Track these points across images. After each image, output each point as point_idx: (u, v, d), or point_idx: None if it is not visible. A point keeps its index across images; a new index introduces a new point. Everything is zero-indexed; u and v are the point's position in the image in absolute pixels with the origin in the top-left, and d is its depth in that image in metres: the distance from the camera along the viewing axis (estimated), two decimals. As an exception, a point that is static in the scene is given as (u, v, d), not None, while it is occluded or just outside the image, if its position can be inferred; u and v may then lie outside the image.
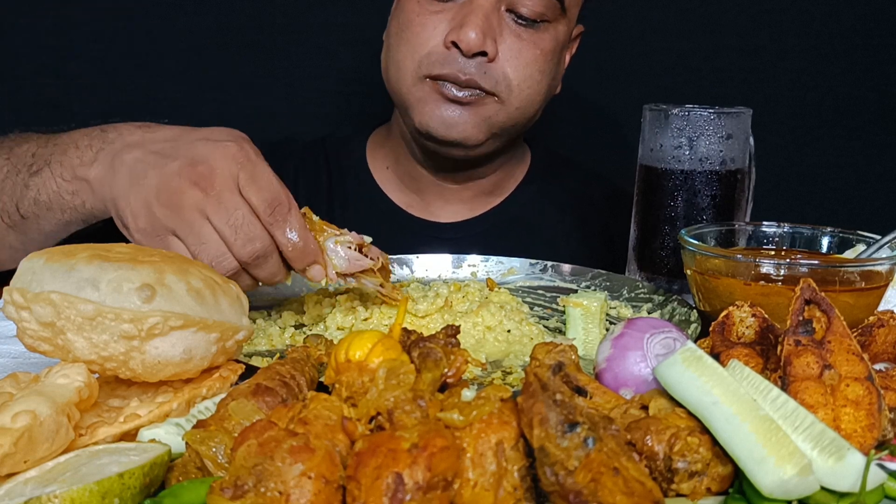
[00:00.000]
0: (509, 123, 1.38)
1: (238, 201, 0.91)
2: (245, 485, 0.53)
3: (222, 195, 0.91)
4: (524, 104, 1.37)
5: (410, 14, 1.34)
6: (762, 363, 0.72)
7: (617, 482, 0.52)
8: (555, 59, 1.39)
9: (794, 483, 0.56)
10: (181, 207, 0.91)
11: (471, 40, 1.27)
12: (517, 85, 1.34)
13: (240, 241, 0.90)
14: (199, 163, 0.92)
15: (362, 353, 0.67)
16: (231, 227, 0.90)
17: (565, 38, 1.40)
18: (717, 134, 1.14)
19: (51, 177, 1.03)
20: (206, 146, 0.94)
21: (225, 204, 0.90)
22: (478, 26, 1.27)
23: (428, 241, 1.45)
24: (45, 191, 1.04)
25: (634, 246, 1.23)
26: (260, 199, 0.91)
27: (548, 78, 1.39)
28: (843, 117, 2.20)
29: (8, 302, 0.70)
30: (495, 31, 1.31)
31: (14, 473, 0.59)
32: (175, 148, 0.95)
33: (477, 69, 1.30)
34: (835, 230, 1.04)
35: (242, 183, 0.92)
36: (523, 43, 1.33)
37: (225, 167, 0.92)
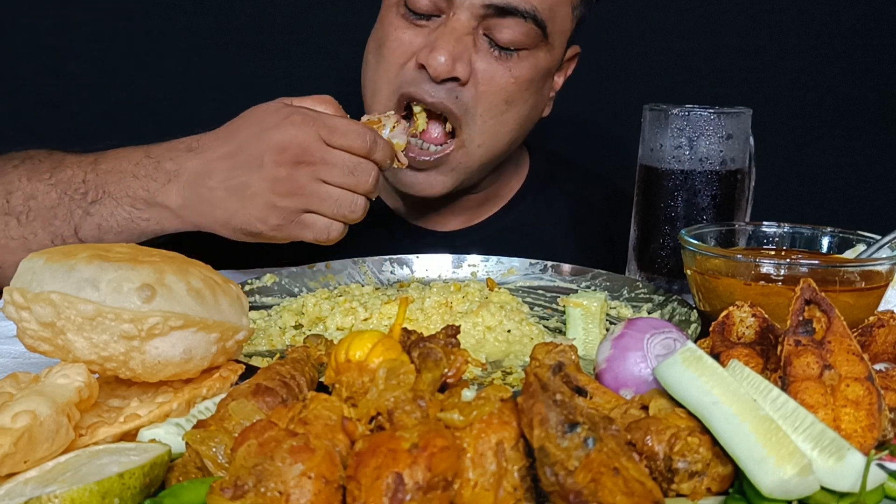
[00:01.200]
0: (474, 165, 1.34)
1: (336, 153, 1.03)
2: (245, 485, 0.53)
3: (325, 156, 1.02)
4: (486, 140, 1.32)
5: (388, 28, 1.31)
6: (762, 363, 0.72)
7: (617, 482, 0.52)
8: (531, 89, 1.33)
9: (794, 483, 0.56)
10: (301, 187, 1.02)
11: (439, 65, 1.23)
12: (480, 115, 1.29)
13: (361, 178, 1.04)
14: (285, 147, 1.02)
15: (362, 353, 0.67)
16: (347, 174, 1.03)
17: (548, 65, 1.34)
18: (717, 134, 1.14)
19: (117, 206, 1.11)
20: (276, 132, 1.03)
21: (331, 161, 1.02)
22: (448, 50, 1.22)
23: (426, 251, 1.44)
24: (115, 218, 1.11)
25: (634, 246, 1.23)
26: (351, 140, 1.03)
27: (519, 108, 1.33)
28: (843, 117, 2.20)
29: (8, 302, 0.70)
30: (469, 54, 1.25)
31: (14, 473, 0.59)
32: (248, 152, 1.04)
33: (447, 93, 1.26)
34: (835, 230, 1.04)
35: (328, 137, 1.03)
36: (498, 68, 1.28)
37: (306, 136, 1.02)
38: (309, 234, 1.06)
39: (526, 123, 1.38)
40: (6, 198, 1.15)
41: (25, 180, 1.15)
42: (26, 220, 1.13)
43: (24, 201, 1.14)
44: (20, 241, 1.13)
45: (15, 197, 1.15)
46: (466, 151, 1.32)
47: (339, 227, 1.06)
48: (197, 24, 2.00)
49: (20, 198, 1.14)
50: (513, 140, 1.38)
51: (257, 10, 2.01)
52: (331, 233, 1.06)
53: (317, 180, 1.02)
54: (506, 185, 1.55)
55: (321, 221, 1.05)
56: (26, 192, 1.14)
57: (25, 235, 1.13)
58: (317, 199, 1.03)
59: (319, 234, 1.06)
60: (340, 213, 1.04)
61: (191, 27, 2.00)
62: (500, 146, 1.35)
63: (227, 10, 2.00)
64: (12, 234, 1.14)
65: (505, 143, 1.36)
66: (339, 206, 1.04)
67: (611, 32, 2.04)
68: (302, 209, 1.04)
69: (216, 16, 2.00)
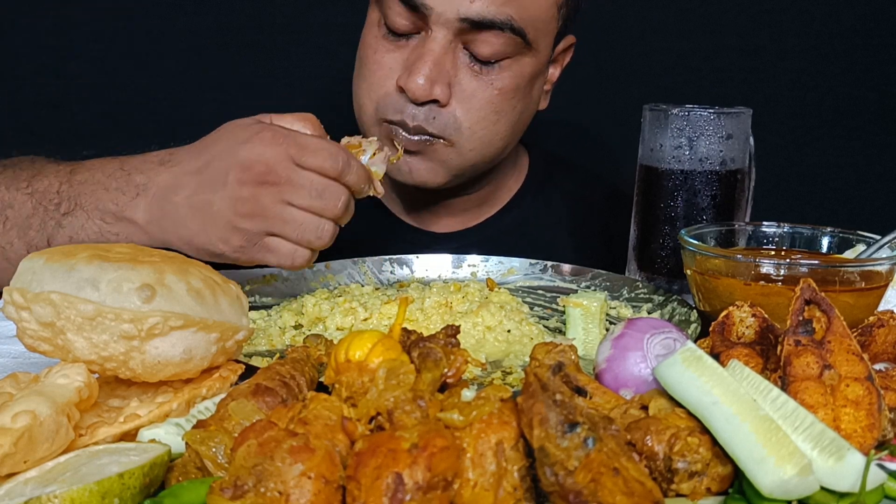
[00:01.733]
0: (467, 164, 1.33)
1: (305, 173, 0.97)
2: (245, 485, 0.53)
3: (291, 178, 0.96)
4: (479, 146, 1.31)
5: (368, 50, 1.30)
6: (762, 363, 0.72)
7: (617, 482, 0.52)
8: (518, 96, 1.31)
9: (794, 483, 0.56)
10: (264, 209, 0.96)
11: (418, 87, 1.21)
12: (468, 128, 1.28)
13: (329, 202, 0.98)
14: (250, 165, 0.96)
15: (362, 353, 0.67)
16: (315, 196, 0.97)
17: (535, 69, 1.33)
18: (717, 134, 1.14)
19: (88, 218, 1.07)
20: (244, 149, 0.98)
21: (297, 182, 0.96)
22: (425, 74, 1.21)
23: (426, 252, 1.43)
24: (85, 231, 1.08)
25: (634, 246, 1.23)
26: (321, 161, 0.97)
27: (508, 116, 1.32)
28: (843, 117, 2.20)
29: (8, 302, 0.70)
30: (448, 75, 1.24)
31: (14, 473, 0.59)
32: (215, 168, 0.99)
33: (426, 115, 1.25)
34: (835, 230, 1.04)
35: (297, 156, 0.97)
36: (479, 83, 1.26)
37: (274, 155, 0.96)
38: (272, 259, 1.00)
39: (518, 125, 1.37)
40: None
41: (4, 189, 1.13)
42: (3, 230, 1.12)
43: (1, 209, 1.12)
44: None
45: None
46: (458, 152, 1.31)
47: (305, 254, 1.00)
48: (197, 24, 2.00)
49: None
50: (507, 143, 1.37)
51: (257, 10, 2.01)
52: (295, 259, 1.00)
53: (282, 202, 0.96)
54: (503, 186, 1.54)
55: (285, 246, 0.99)
56: (4, 200, 1.12)
57: (2, 244, 1.11)
58: (280, 221, 0.97)
59: (283, 260, 1.00)
60: (305, 238, 0.98)
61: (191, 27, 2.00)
62: (493, 150, 1.35)
63: (227, 10, 2.00)
64: None
65: (499, 147, 1.35)
66: (304, 231, 0.98)
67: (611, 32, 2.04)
68: (265, 231, 0.98)
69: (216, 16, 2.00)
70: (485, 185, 1.49)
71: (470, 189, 1.47)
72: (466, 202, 1.49)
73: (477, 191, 1.49)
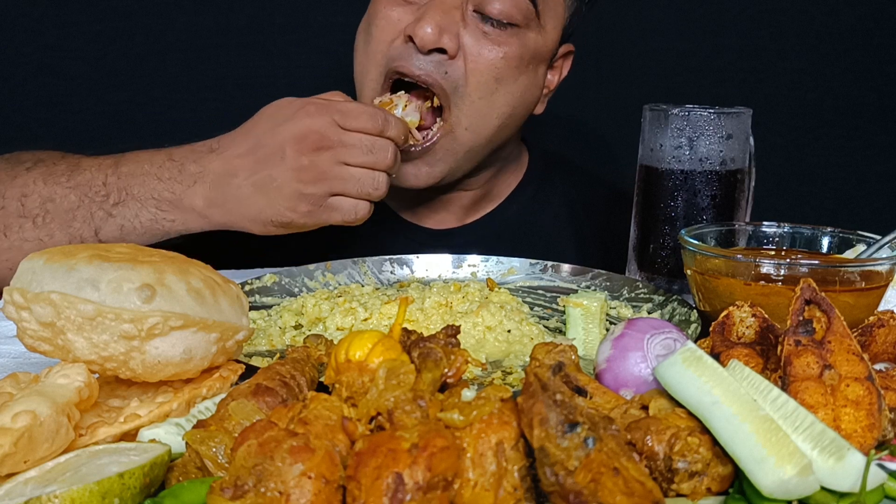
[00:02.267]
0: (461, 151, 1.32)
1: (353, 135, 1.09)
2: (245, 485, 0.53)
3: (343, 140, 1.08)
4: (474, 122, 1.30)
5: (377, 6, 1.31)
6: (762, 363, 0.72)
7: (617, 482, 0.52)
8: (520, 68, 1.30)
9: (794, 483, 0.56)
10: (325, 172, 1.08)
11: (426, 35, 1.22)
12: (469, 94, 1.27)
13: (379, 155, 1.10)
14: (304, 136, 1.08)
15: (362, 353, 0.67)
16: (366, 152, 1.09)
17: (538, 48, 1.32)
18: (717, 134, 1.14)
19: (142, 207, 1.15)
20: (292, 124, 1.09)
21: (349, 143, 1.09)
22: (434, 21, 1.22)
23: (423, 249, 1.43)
24: (139, 219, 1.15)
25: (634, 246, 1.23)
26: (364, 122, 1.10)
27: (508, 88, 1.30)
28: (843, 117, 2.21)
29: (8, 302, 0.70)
30: (457, 26, 1.25)
31: (14, 473, 0.59)
32: (268, 146, 1.10)
33: (436, 67, 1.25)
34: (835, 230, 1.04)
35: (342, 120, 1.09)
36: (487, 43, 1.26)
37: (322, 123, 1.08)
38: (338, 216, 1.11)
39: (515, 110, 1.35)
40: (20, 200, 1.16)
41: (42, 183, 1.17)
42: (42, 223, 1.15)
43: (40, 204, 1.16)
44: (35, 244, 1.15)
45: (31, 200, 1.16)
46: (454, 136, 1.30)
47: (366, 206, 1.12)
48: (197, 24, 2.00)
49: (37, 200, 1.16)
50: (501, 125, 1.34)
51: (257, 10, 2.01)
52: (358, 212, 1.11)
53: (339, 163, 1.08)
54: (502, 182, 1.54)
55: (347, 203, 1.10)
56: (43, 194, 1.16)
57: (41, 237, 1.15)
58: (340, 181, 1.08)
59: (347, 215, 1.11)
60: (365, 191, 1.10)
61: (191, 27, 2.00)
62: (488, 130, 1.33)
63: (227, 10, 2.00)
64: (27, 236, 1.15)
65: (493, 127, 1.33)
66: (363, 185, 1.09)
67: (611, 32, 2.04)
68: (328, 193, 1.09)
69: (216, 16, 2.00)
70: (485, 181, 1.49)
71: (471, 185, 1.47)
72: (464, 198, 1.49)
73: (475, 188, 1.48)
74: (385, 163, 1.10)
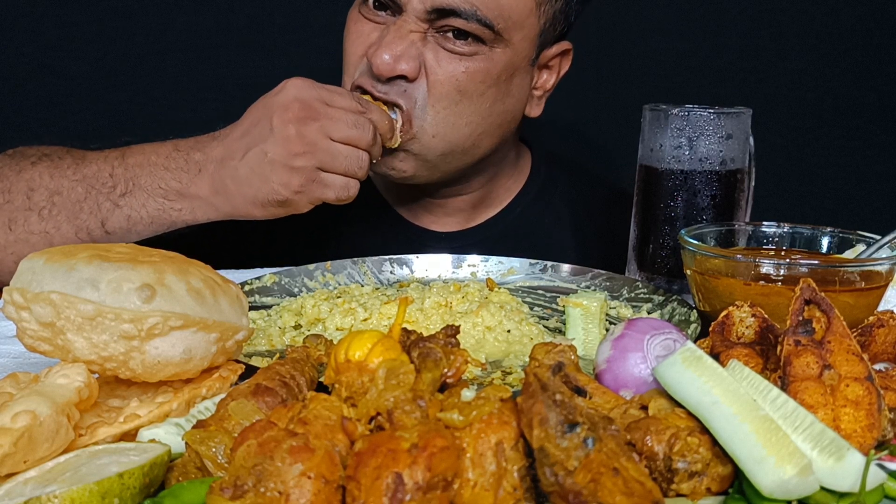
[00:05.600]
0: (433, 155, 1.31)
1: (337, 110, 1.11)
2: (245, 485, 0.53)
3: (328, 112, 1.10)
4: (442, 129, 1.28)
5: (350, 21, 1.33)
6: (762, 363, 0.72)
7: (617, 482, 0.52)
8: (486, 82, 1.28)
9: (794, 483, 0.56)
10: (312, 143, 1.09)
11: (382, 63, 1.21)
12: (432, 105, 1.26)
13: (363, 132, 1.12)
14: (288, 105, 1.09)
15: (362, 353, 0.67)
16: (350, 126, 1.11)
17: (508, 61, 1.30)
18: (717, 134, 1.14)
19: (149, 197, 1.16)
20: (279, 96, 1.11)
21: (335, 117, 1.10)
22: (390, 50, 1.21)
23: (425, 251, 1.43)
24: (146, 209, 1.16)
25: (634, 246, 1.23)
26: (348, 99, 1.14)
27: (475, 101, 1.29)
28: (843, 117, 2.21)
29: (8, 302, 0.70)
30: (417, 50, 1.24)
31: (14, 473, 0.59)
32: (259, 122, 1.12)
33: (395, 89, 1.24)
34: (835, 230, 1.04)
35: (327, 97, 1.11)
36: (448, 61, 1.25)
37: (308, 94, 1.11)
38: (331, 193, 1.12)
39: (492, 118, 1.33)
40: (27, 194, 1.17)
41: (48, 177, 1.18)
42: (49, 215, 1.16)
43: (47, 197, 1.17)
44: (41, 236, 1.16)
45: (37, 193, 1.17)
46: (420, 141, 1.28)
47: (356, 184, 1.13)
48: (197, 24, 2.00)
49: (43, 194, 1.17)
50: (476, 133, 1.32)
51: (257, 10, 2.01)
52: (350, 189, 1.13)
53: (324, 136, 1.09)
54: (501, 186, 1.53)
55: (338, 179, 1.11)
56: (50, 187, 1.17)
57: (48, 230, 1.15)
58: (328, 154, 1.09)
59: (340, 192, 1.12)
60: (351, 168, 1.11)
61: (191, 27, 2.00)
62: (459, 137, 1.31)
63: (227, 10, 2.00)
64: (33, 228, 1.16)
65: (464, 134, 1.31)
66: (350, 162, 1.11)
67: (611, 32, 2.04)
68: (317, 166, 1.10)
69: (216, 16, 2.00)
70: (480, 186, 1.49)
71: (464, 189, 1.46)
72: (462, 202, 1.49)
73: (472, 192, 1.48)
74: (366, 140, 1.12)
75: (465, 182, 1.45)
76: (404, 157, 1.31)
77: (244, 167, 1.12)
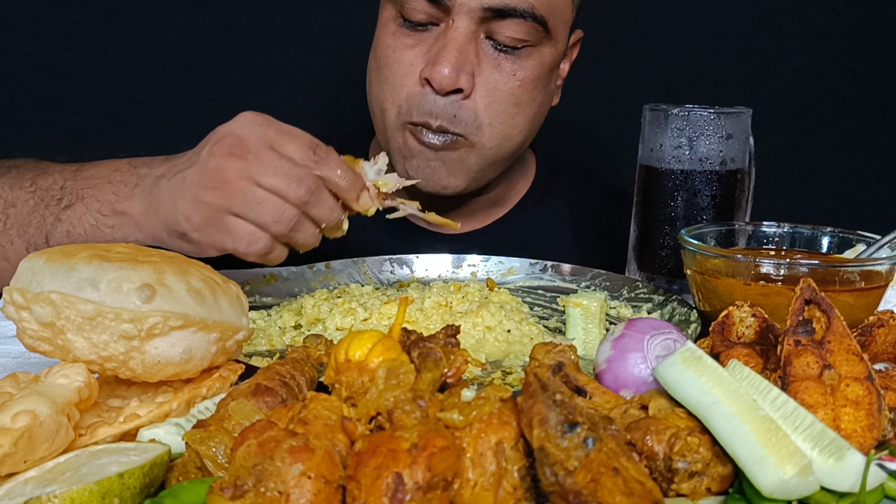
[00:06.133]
0: (486, 163, 1.33)
1: (276, 155, 0.94)
2: (245, 485, 0.53)
3: (260, 154, 0.93)
4: (498, 142, 1.30)
5: (386, 50, 1.29)
6: (762, 363, 0.72)
7: (617, 482, 0.52)
8: (538, 87, 1.32)
9: (794, 483, 0.56)
10: (227, 182, 0.93)
11: (444, 78, 1.21)
12: (489, 124, 1.28)
13: (293, 184, 0.93)
14: (223, 137, 0.95)
15: (362, 353, 0.67)
16: (280, 176, 0.93)
17: (554, 59, 1.33)
18: (717, 134, 1.14)
19: (86, 211, 1.06)
20: (224, 126, 0.97)
21: (266, 160, 0.93)
22: (451, 63, 1.21)
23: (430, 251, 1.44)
24: (82, 224, 1.07)
25: (634, 246, 1.23)
26: (298, 147, 0.95)
27: (528, 108, 1.31)
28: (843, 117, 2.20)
29: (8, 302, 0.70)
30: (472, 64, 1.24)
31: (14, 473, 0.59)
32: (199, 149, 0.98)
33: (448, 111, 1.24)
34: (835, 230, 1.04)
35: (274, 140, 0.95)
36: (502, 75, 1.26)
37: (251, 131, 0.95)
38: (229, 241, 0.95)
39: (536, 119, 1.37)
40: None
41: (8, 188, 1.13)
42: (3, 228, 1.11)
43: (3, 209, 1.12)
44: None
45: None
46: (478, 152, 1.31)
47: (264, 239, 0.94)
48: (197, 24, 2.00)
49: (1, 206, 1.12)
50: (525, 138, 1.37)
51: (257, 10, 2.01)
52: (252, 243, 0.94)
53: (246, 178, 0.93)
54: (513, 188, 1.54)
55: (245, 228, 0.94)
56: (8, 199, 1.12)
57: (3, 244, 1.11)
58: (241, 199, 0.93)
59: (239, 244, 0.94)
60: (262, 219, 0.93)
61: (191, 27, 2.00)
62: (512, 145, 1.34)
63: (226, 10, 2.00)
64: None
65: (517, 142, 1.35)
66: (263, 211, 0.93)
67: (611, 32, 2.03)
68: (226, 208, 0.94)
69: (216, 16, 2.00)
70: (497, 187, 1.49)
71: (483, 191, 1.47)
72: (478, 203, 1.49)
73: (489, 192, 1.49)
74: (297, 194, 0.93)
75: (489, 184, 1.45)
76: (457, 173, 1.31)
77: (166, 187, 1.00)
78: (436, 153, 1.29)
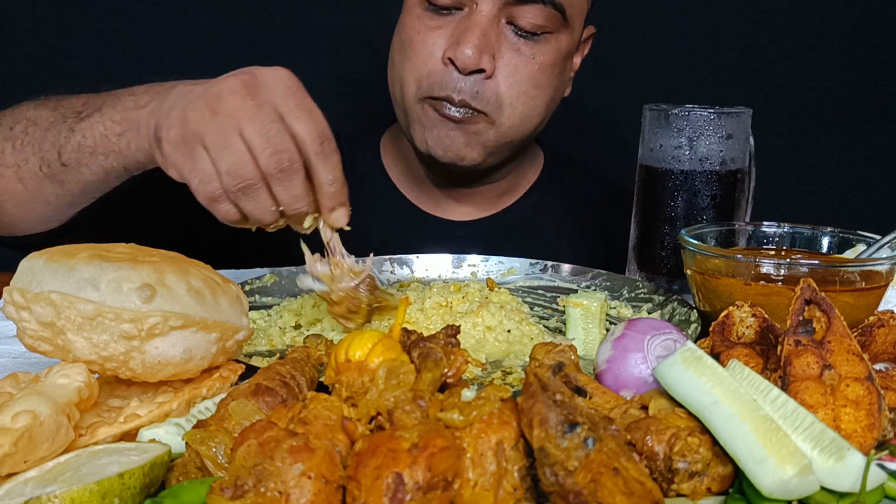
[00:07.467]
0: (503, 141, 1.37)
1: (276, 118, 0.88)
2: (245, 485, 0.53)
3: (261, 106, 0.88)
4: (517, 122, 1.35)
5: (411, 31, 1.34)
6: (762, 363, 0.72)
7: (617, 482, 0.52)
8: (555, 72, 1.37)
9: (794, 483, 0.56)
10: (216, 112, 0.88)
11: (467, 58, 1.26)
12: (509, 104, 1.32)
13: (269, 150, 0.86)
14: (246, 75, 0.91)
15: (362, 353, 0.67)
16: (262, 136, 0.87)
17: (569, 47, 1.38)
18: (717, 134, 1.14)
19: (99, 120, 1.04)
20: (257, 68, 0.93)
21: (262, 114, 0.87)
22: (474, 44, 1.26)
23: (437, 239, 1.45)
24: (92, 134, 1.04)
25: (634, 246, 1.23)
26: (310, 128, 0.89)
27: (546, 91, 1.37)
28: (843, 117, 2.20)
29: (8, 302, 0.70)
30: (493, 47, 1.29)
31: (14, 473, 0.59)
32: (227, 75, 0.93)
33: (471, 88, 1.29)
34: (835, 230, 1.04)
35: (290, 108, 0.89)
36: (521, 58, 1.31)
37: (272, 84, 0.90)
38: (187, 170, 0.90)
39: (551, 105, 1.42)
40: (10, 126, 1.14)
41: (33, 108, 1.15)
42: (20, 146, 1.12)
43: (24, 127, 1.13)
44: (13, 169, 1.12)
45: (19, 125, 1.14)
46: (497, 129, 1.34)
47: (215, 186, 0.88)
48: (197, 24, 2.00)
49: (23, 124, 1.13)
50: (541, 121, 1.41)
51: (257, 10, 2.01)
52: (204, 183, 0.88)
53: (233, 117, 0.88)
54: (523, 177, 1.57)
55: (205, 164, 0.88)
56: (30, 118, 1.13)
57: (18, 162, 1.11)
58: (216, 133, 0.87)
59: (193, 176, 0.89)
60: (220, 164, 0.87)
61: (191, 27, 2.00)
62: (530, 126, 1.39)
63: (227, 10, 2.00)
64: (7, 161, 1.13)
65: (534, 124, 1.39)
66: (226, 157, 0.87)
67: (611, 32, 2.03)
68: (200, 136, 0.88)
69: (216, 16, 2.00)
70: (507, 176, 1.52)
71: (493, 179, 1.49)
72: (489, 191, 1.52)
73: (499, 180, 1.51)
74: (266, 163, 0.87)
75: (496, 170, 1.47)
76: (475, 146, 1.34)
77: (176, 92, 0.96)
78: (456, 124, 1.32)
